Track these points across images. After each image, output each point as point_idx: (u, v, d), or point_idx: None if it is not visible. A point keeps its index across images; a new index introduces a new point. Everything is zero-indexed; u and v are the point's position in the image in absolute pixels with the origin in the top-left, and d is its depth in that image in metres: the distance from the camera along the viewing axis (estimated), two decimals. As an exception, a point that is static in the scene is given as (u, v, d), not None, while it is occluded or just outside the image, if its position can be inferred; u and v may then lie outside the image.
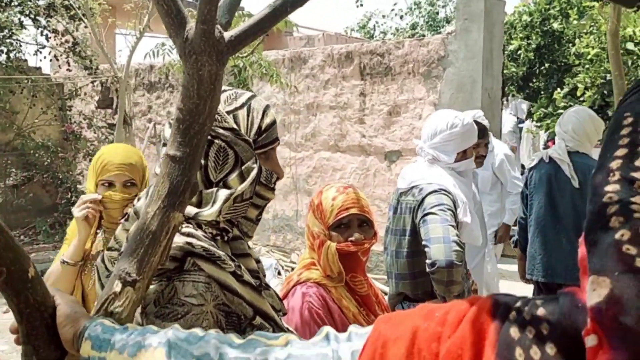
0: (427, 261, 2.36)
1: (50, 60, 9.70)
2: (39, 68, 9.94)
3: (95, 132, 9.67)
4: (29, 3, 8.11)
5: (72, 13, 7.65)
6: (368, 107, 7.05)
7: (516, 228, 4.19)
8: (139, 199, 1.32)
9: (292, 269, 4.46)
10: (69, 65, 8.93)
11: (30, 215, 9.58)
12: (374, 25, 19.57)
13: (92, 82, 9.24)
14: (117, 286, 1.00)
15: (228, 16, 1.20)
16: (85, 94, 9.58)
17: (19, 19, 8.34)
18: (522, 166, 8.51)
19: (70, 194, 9.48)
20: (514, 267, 5.05)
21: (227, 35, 1.08)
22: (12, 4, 7.90)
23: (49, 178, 9.57)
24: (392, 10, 21.61)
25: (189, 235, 1.15)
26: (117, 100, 9.25)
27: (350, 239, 1.80)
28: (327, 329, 0.70)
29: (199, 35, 1.03)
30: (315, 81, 7.50)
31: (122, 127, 5.48)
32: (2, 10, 7.88)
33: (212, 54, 1.04)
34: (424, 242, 2.43)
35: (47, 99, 9.60)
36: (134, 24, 5.92)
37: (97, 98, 9.55)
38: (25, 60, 9.34)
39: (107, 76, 8.28)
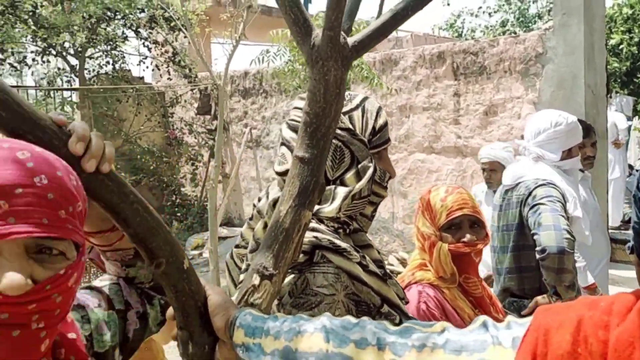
0: (537, 248, 2.29)
1: (153, 70, 10.25)
2: (142, 77, 10.52)
3: (195, 138, 10.11)
4: (131, 16, 8.62)
5: (172, 24, 8.05)
6: (463, 107, 6.93)
7: (630, 233, 3.98)
8: (259, 200, 1.39)
9: (391, 271, 4.53)
10: (169, 74, 9.41)
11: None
12: (462, 24, 19.19)
13: (192, 90, 9.67)
14: (256, 279, 1.07)
15: (349, 22, 1.25)
16: (185, 101, 10.04)
17: (122, 31, 8.87)
18: (630, 166, 8.06)
19: (174, 196, 9.96)
20: (624, 273, 4.80)
21: (350, 40, 1.12)
22: (117, 17, 8.43)
23: (155, 182, 10.10)
24: (480, 8, 21.17)
25: (314, 229, 1.21)
26: (215, 106, 9.64)
27: (462, 239, 1.80)
28: (484, 317, 0.72)
29: (325, 42, 1.08)
30: (407, 82, 7.47)
31: (222, 133, 5.70)
32: (107, 24, 8.41)
33: (338, 59, 1.09)
34: (533, 231, 2.37)
35: (150, 107, 10.15)
36: (230, 32, 6.14)
37: (196, 105, 9.99)
38: (129, 71, 9.92)
39: (206, 84, 8.64)
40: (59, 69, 8.87)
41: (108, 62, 8.93)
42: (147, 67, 10.00)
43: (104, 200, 0.83)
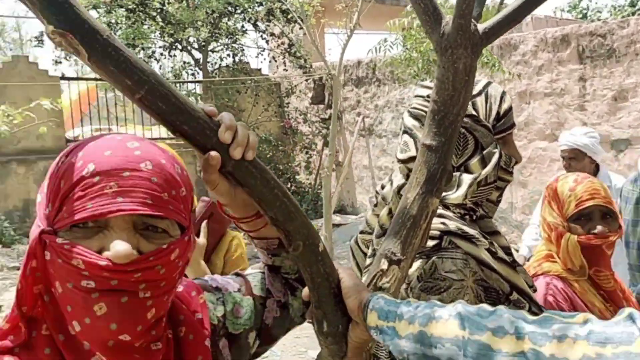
0: None
1: (270, 61, 10.57)
2: (260, 69, 10.89)
3: (309, 127, 10.33)
4: (250, 10, 8.93)
5: (288, 17, 8.26)
6: (589, 92, 6.54)
7: None
8: (383, 187, 1.42)
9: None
10: (285, 66, 9.67)
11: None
12: (587, 4, 17.97)
13: (306, 80, 9.88)
14: (384, 264, 1.10)
15: (479, 9, 1.24)
16: (299, 91, 10.27)
17: (242, 25, 9.22)
18: None
19: (289, 183, 10.26)
20: None
21: (480, 27, 1.11)
22: (237, 12, 8.77)
23: (271, 169, 10.42)
24: (608, -14, 19.66)
25: (441, 216, 1.22)
26: (328, 96, 9.78)
27: (593, 231, 1.72)
28: (630, 309, 0.70)
29: (455, 30, 1.07)
30: (528, 67, 7.16)
31: (336, 121, 5.79)
32: (228, 18, 8.78)
33: (467, 47, 1.08)
34: None
35: (267, 97, 10.49)
36: (344, 22, 6.20)
37: (310, 95, 10.20)
38: (248, 63, 10.30)
39: (320, 74, 8.78)
40: (184, 62, 9.40)
41: (228, 55, 9.33)
42: (265, 59, 10.33)
43: (248, 186, 0.89)
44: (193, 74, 9.72)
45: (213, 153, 0.84)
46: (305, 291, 1.04)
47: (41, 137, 9.13)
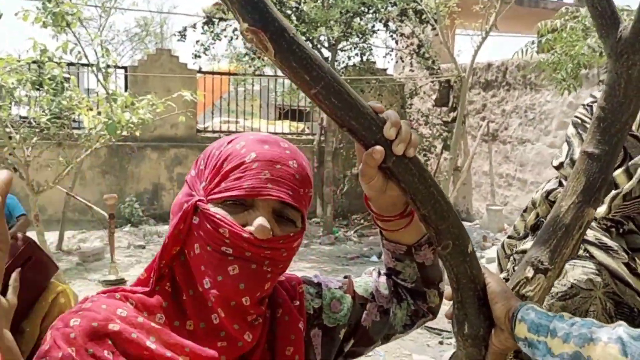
0: None
1: (396, 62, 10.56)
2: (385, 69, 10.91)
3: (430, 129, 10.20)
4: (382, 10, 8.97)
5: (422, 17, 8.21)
6: None
7: None
8: (537, 191, 1.40)
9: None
10: (411, 66, 9.61)
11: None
12: None
13: (431, 82, 9.76)
14: (529, 272, 1.08)
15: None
16: (424, 92, 10.17)
17: (373, 25, 9.28)
18: None
19: (405, 185, 10.19)
20: None
21: (659, 34, 1.06)
22: (369, 11, 8.84)
23: (387, 170, 10.44)
24: None
25: None
26: (453, 98, 9.61)
27: None
28: None
29: (634, 35, 1.03)
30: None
31: (461, 125, 5.69)
32: (360, 18, 8.87)
33: (645, 53, 1.04)
34: None
35: (390, 97, 10.48)
36: (480, 24, 6.06)
37: (434, 97, 10.07)
38: (374, 62, 10.35)
39: (449, 76, 8.64)
40: (313, 60, 9.62)
41: (357, 54, 9.43)
42: (392, 59, 10.33)
43: (406, 182, 0.91)
44: (320, 72, 9.91)
45: (379, 147, 0.87)
46: (448, 291, 1.05)
47: (175, 125, 9.76)
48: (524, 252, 1.36)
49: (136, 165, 10.10)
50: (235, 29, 9.45)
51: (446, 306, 1.09)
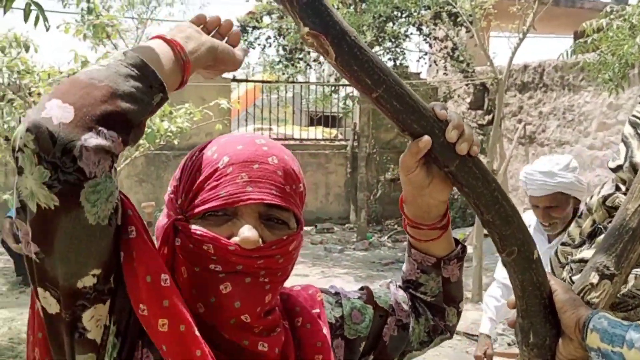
0: None
1: (430, 65, 10.49)
2: (419, 73, 10.84)
3: (466, 133, 10.08)
4: (415, 14, 8.92)
5: (457, 19, 8.14)
6: None
7: None
8: (591, 197, 1.35)
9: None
10: (445, 70, 9.53)
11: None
12: None
13: (466, 85, 9.66)
14: (594, 278, 1.05)
15: None
16: (458, 96, 10.07)
17: (406, 29, 9.24)
18: None
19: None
20: None
21: None
22: (402, 16, 8.81)
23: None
24: None
25: None
26: (488, 101, 9.49)
27: None
28: None
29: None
30: None
31: (498, 127, 5.60)
32: (393, 22, 8.84)
33: None
34: None
35: (424, 102, 10.39)
36: (517, 25, 5.97)
37: (469, 100, 9.95)
38: (407, 66, 10.30)
39: (484, 78, 8.54)
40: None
41: (390, 59, 9.40)
42: (425, 63, 10.26)
43: (469, 186, 0.89)
44: (353, 77, 9.91)
45: (425, 137, 0.85)
46: (512, 299, 1.02)
47: (210, 134, 9.82)
48: (581, 260, 1.32)
49: (171, 174, 10.22)
50: (269, 37, 9.53)
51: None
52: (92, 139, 0.67)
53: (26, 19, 2.55)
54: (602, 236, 1.30)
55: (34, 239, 0.71)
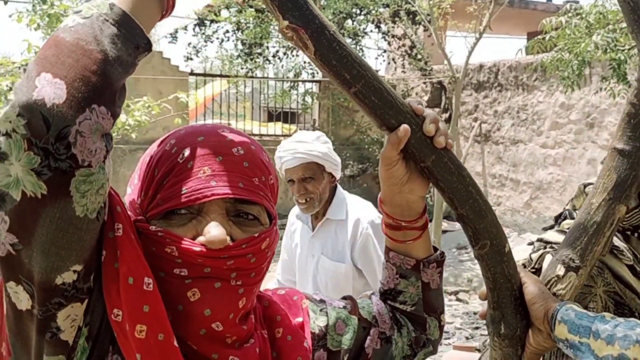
0: None
1: (388, 63, 10.58)
2: (377, 71, 10.90)
3: (424, 130, 10.23)
4: (374, 12, 8.99)
5: (415, 18, 8.24)
6: None
7: None
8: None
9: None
10: (403, 68, 9.64)
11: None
12: None
13: (423, 83, 9.79)
14: (560, 270, 1.08)
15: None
16: (416, 94, 10.20)
17: (365, 27, 9.30)
18: None
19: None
20: None
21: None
22: (361, 13, 8.86)
23: (380, 171, 10.48)
24: None
25: None
26: (445, 99, 9.64)
27: None
28: None
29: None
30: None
31: (455, 126, 5.71)
32: (352, 19, 8.89)
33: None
34: None
35: (382, 99, 10.49)
36: (473, 25, 6.09)
37: (426, 98, 10.09)
38: (366, 64, 10.36)
39: (442, 77, 8.67)
40: (304, 62, 9.64)
41: (349, 56, 9.45)
42: (384, 61, 10.35)
43: (444, 181, 0.91)
44: (312, 74, 9.93)
45: (404, 126, 0.85)
46: (483, 291, 1.05)
47: (167, 128, 9.67)
48: (541, 240, 1.35)
49: (127, 168, 10.04)
50: (227, 31, 9.44)
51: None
52: (86, 121, 0.64)
53: None
54: (567, 220, 1.34)
55: (12, 229, 0.66)
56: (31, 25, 4.58)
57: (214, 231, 0.74)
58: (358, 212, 2.34)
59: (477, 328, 5.60)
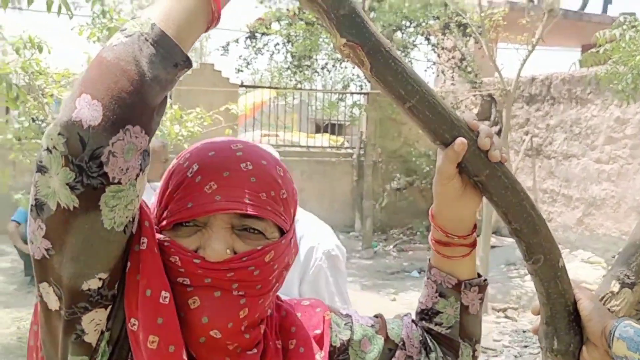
0: None
1: (437, 75, 10.51)
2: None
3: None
4: (424, 24, 8.96)
5: (466, 30, 8.17)
6: None
7: None
8: None
9: None
10: (453, 80, 9.56)
11: (409, 217, 10.57)
12: None
13: (473, 96, 9.68)
14: (615, 286, 1.06)
15: None
16: (465, 106, 10.10)
17: (414, 39, 9.27)
18: None
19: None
20: None
21: None
22: (411, 25, 8.84)
23: (427, 184, 10.39)
24: None
25: None
26: (495, 112, 9.50)
27: None
28: None
29: None
30: None
31: (505, 139, 5.63)
32: (402, 32, 8.88)
33: None
34: None
35: (431, 111, 10.41)
36: (526, 37, 6.01)
37: (475, 111, 9.97)
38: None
39: (492, 90, 8.56)
40: (353, 74, 9.68)
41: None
42: (433, 73, 10.29)
43: (498, 195, 0.91)
44: (360, 86, 9.97)
45: (460, 139, 0.85)
46: (535, 306, 1.04)
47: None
48: None
49: (178, 178, 10.26)
50: (277, 44, 9.57)
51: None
52: (119, 142, 0.67)
53: (49, 8, 2.60)
54: None
55: (47, 235, 0.71)
56: (91, 38, 4.77)
57: (213, 245, 0.77)
58: (313, 239, 1.97)
59: (526, 346, 5.48)
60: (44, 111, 4.64)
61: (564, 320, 0.99)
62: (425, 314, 1.05)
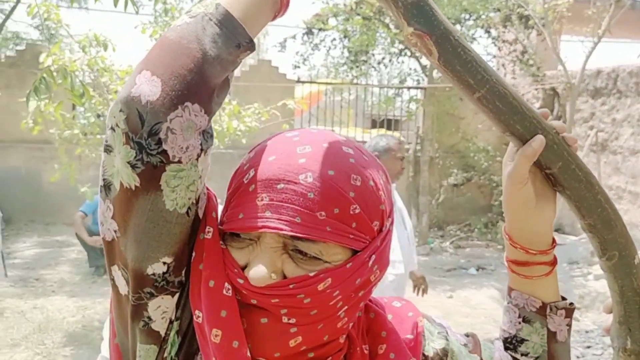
0: None
1: (498, 69, 10.28)
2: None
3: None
4: (484, 17, 8.76)
5: (528, 22, 7.95)
6: None
7: None
8: None
9: None
10: (513, 73, 9.32)
11: (466, 213, 10.39)
12: None
13: (535, 89, 9.42)
14: None
15: None
16: (527, 100, 9.84)
17: (474, 32, 9.08)
18: None
19: (505, 196, 9.90)
20: None
21: None
22: (471, 18, 8.67)
23: (485, 180, 10.18)
24: None
25: None
26: (558, 106, 9.21)
27: None
28: None
29: None
30: None
31: (569, 133, 5.44)
32: (461, 25, 8.72)
33: None
34: None
35: (490, 106, 10.19)
36: (591, 28, 5.78)
37: (537, 105, 9.69)
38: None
39: (555, 83, 8.30)
40: (410, 69, 9.59)
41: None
42: (493, 66, 10.06)
43: (571, 189, 0.88)
44: (417, 81, 9.85)
45: (539, 136, 0.81)
46: (607, 304, 1.00)
47: (274, 134, 9.98)
48: None
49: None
50: (334, 39, 9.58)
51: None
52: (177, 119, 0.65)
53: (116, 3, 2.68)
54: None
55: (114, 216, 0.70)
56: (154, 36, 4.89)
57: (256, 267, 0.70)
58: None
59: (588, 347, 5.30)
60: (108, 107, 4.79)
61: (638, 319, 0.95)
62: (510, 342, 0.96)
